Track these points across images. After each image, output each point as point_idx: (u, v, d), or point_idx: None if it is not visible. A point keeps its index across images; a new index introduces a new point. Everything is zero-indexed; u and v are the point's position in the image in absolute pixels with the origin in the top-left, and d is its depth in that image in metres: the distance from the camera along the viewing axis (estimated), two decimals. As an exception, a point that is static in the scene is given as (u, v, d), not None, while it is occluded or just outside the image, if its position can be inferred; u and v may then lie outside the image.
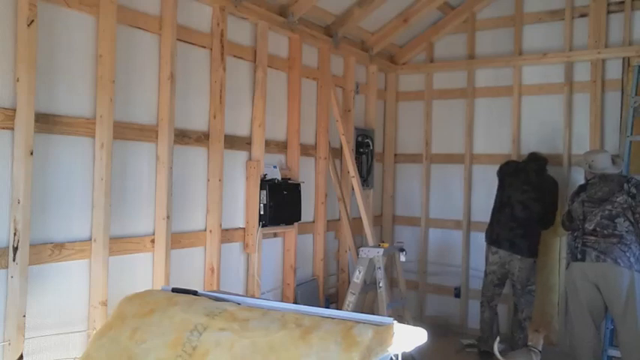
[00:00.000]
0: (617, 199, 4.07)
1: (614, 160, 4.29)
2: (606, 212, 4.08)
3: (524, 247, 4.64)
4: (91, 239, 3.01)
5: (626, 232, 4.01)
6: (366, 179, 5.50)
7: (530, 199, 4.72)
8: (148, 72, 3.37)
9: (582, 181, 4.57)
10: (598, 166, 4.25)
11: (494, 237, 4.81)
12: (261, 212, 4.09)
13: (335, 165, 5.08)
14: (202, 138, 3.74)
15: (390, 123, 6.07)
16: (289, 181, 4.38)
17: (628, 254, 3.98)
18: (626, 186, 4.09)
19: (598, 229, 4.07)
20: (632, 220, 4.02)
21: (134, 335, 2.35)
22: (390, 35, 5.52)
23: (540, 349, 4.09)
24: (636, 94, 4.68)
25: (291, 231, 4.48)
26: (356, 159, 5.25)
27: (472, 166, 5.62)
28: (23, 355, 2.65)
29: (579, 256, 4.13)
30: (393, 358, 2.10)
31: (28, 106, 2.64)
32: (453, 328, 5.59)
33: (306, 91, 4.74)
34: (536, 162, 4.86)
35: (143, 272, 3.35)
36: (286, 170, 4.49)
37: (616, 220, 4.04)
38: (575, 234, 4.23)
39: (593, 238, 4.09)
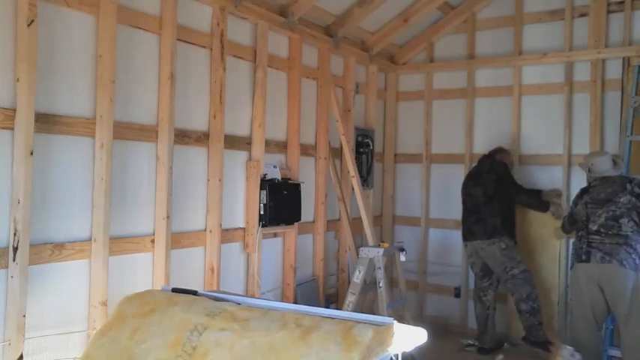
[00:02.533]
0: (621, 200, 4.05)
1: (615, 161, 4.26)
2: (610, 213, 4.06)
3: (480, 231, 4.86)
4: (91, 239, 3.01)
5: (631, 232, 4.00)
6: (366, 179, 5.50)
7: (471, 186, 5.06)
8: (148, 72, 3.37)
9: (583, 182, 4.57)
10: (597, 169, 4.24)
11: (463, 234, 5.10)
12: (261, 212, 4.09)
13: (335, 165, 5.08)
14: (202, 138, 3.74)
15: (390, 123, 6.06)
16: (289, 181, 4.38)
17: (634, 256, 3.97)
18: (628, 186, 4.07)
19: (602, 230, 4.06)
20: (637, 220, 4.00)
21: (134, 335, 2.35)
22: (390, 35, 5.51)
23: None
24: (636, 94, 4.68)
25: (291, 231, 4.48)
26: (356, 159, 5.25)
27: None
28: (23, 355, 2.64)
29: (584, 257, 4.11)
30: (393, 358, 2.10)
31: (28, 106, 2.64)
32: (453, 328, 5.58)
33: (306, 91, 4.73)
34: (484, 157, 5.14)
35: (143, 272, 3.35)
36: (286, 170, 4.49)
37: (620, 221, 4.02)
38: (580, 234, 4.21)
39: (598, 237, 4.07)
